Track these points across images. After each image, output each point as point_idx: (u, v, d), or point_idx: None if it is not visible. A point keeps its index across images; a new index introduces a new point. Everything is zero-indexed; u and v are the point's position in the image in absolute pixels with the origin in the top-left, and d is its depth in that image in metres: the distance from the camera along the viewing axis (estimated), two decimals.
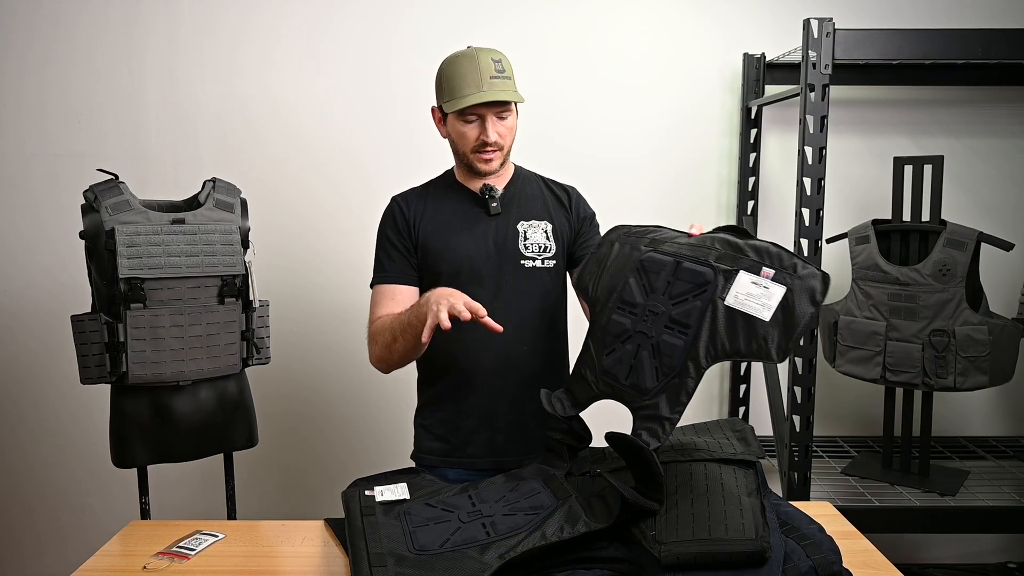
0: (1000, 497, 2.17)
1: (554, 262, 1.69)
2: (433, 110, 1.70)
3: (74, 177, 2.47)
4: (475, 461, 1.67)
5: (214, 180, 1.90)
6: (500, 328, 1.43)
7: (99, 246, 1.75)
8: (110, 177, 1.80)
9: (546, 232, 1.69)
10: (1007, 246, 2.08)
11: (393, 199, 1.74)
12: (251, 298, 1.90)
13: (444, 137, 1.70)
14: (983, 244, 2.08)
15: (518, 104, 1.64)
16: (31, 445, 2.67)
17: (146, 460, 1.86)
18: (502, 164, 1.67)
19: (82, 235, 1.77)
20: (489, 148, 1.61)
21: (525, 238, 1.67)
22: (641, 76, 2.56)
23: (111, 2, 2.49)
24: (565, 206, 1.75)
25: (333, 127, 2.55)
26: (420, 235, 1.67)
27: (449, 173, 1.77)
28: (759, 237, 1.35)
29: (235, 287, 1.86)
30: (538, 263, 1.67)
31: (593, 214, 1.79)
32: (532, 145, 2.51)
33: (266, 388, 2.43)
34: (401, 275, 1.67)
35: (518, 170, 1.76)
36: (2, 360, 2.63)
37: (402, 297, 1.66)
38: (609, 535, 1.22)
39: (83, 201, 1.79)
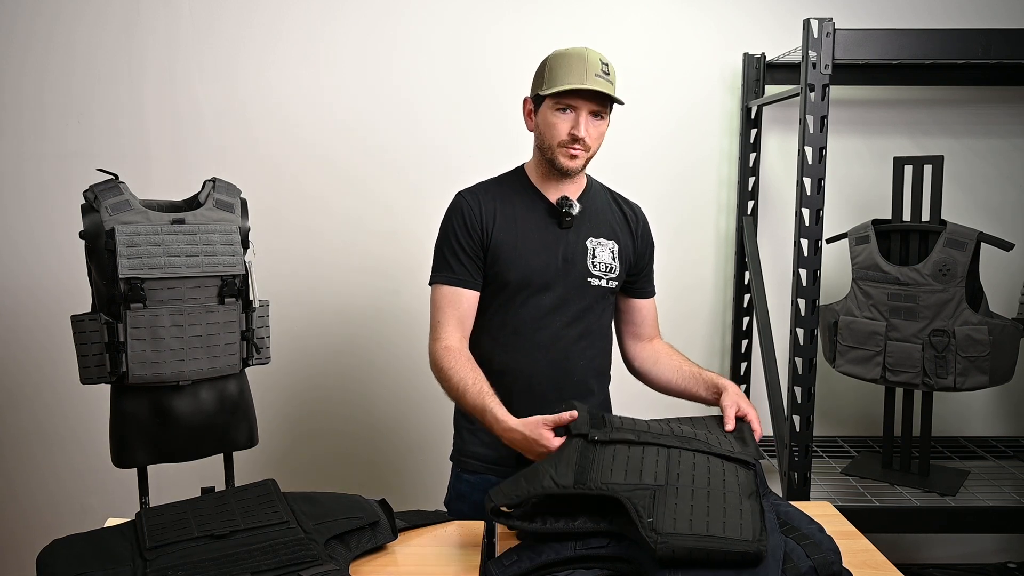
0: (1000, 497, 2.17)
1: (616, 283, 1.69)
2: (525, 101, 1.66)
3: (74, 177, 2.46)
4: None
5: (214, 180, 1.89)
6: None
7: (99, 246, 1.74)
8: (110, 177, 1.79)
9: (613, 252, 1.68)
10: (1007, 246, 2.08)
11: (462, 196, 1.68)
12: (251, 298, 1.90)
13: (531, 131, 1.66)
14: (983, 244, 2.08)
15: (610, 114, 1.60)
16: (31, 445, 2.66)
17: (146, 460, 1.85)
18: (582, 168, 1.64)
19: (82, 235, 1.77)
20: (577, 145, 1.58)
21: (594, 256, 1.66)
22: (641, 76, 2.55)
23: (111, 2, 2.49)
24: (631, 228, 1.73)
25: (333, 127, 2.55)
26: (493, 239, 1.63)
27: (521, 172, 1.71)
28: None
29: (235, 287, 1.85)
30: (603, 283, 1.67)
31: (653, 242, 1.78)
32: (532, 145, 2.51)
33: (266, 388, 2.43)
34: (467, 279, 1.63)
35: (589, 181, 1.73)
36: (2, 360, 2.63)
37: (466, 303, 1.63)
38: (608, 534, 1.22)
39: (83, 201, 1.78)
